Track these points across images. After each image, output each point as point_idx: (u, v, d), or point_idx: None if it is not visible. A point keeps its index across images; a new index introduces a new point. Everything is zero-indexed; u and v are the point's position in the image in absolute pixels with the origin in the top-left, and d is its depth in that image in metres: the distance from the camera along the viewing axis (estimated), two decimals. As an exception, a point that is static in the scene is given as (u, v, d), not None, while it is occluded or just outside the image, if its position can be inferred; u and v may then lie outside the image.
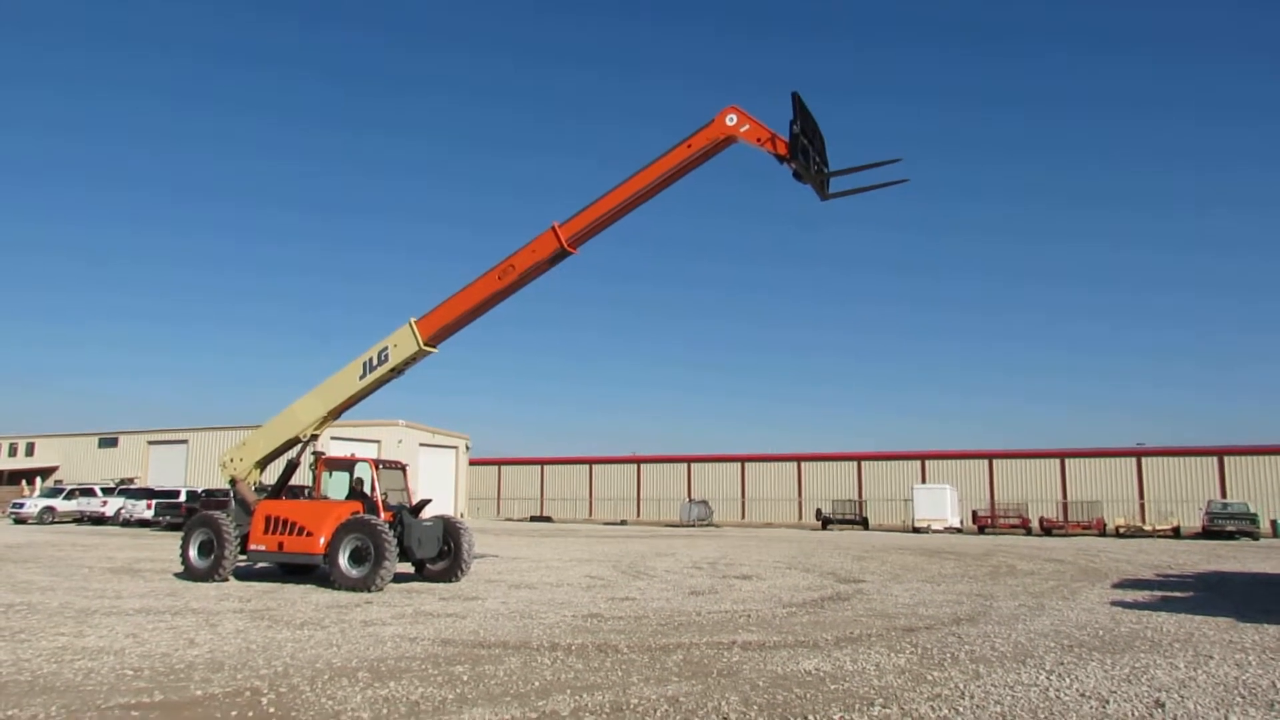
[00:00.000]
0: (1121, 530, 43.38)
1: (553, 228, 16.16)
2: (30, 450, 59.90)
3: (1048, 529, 45.07)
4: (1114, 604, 14.52)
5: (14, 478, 55.42)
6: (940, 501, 46.58)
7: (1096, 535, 43.09)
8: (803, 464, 62.98)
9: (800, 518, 59.86)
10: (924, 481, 55.42)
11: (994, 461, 57.40)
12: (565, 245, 16.11)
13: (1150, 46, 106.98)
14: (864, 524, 50.55)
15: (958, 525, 46.55)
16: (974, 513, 48.34)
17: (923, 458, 59.43)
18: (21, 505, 41.68)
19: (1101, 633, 11.37)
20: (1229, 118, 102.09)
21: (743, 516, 62.53)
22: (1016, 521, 46.19)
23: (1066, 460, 55.53)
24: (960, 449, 59.46)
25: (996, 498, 54.19)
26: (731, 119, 15.53)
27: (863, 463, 61.03)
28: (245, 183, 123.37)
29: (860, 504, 54.61)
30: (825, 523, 50.40)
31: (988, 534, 44.61)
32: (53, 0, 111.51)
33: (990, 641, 10.58)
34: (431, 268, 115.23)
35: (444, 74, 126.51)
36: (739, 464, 64.99)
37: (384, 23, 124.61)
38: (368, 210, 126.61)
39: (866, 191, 15.90)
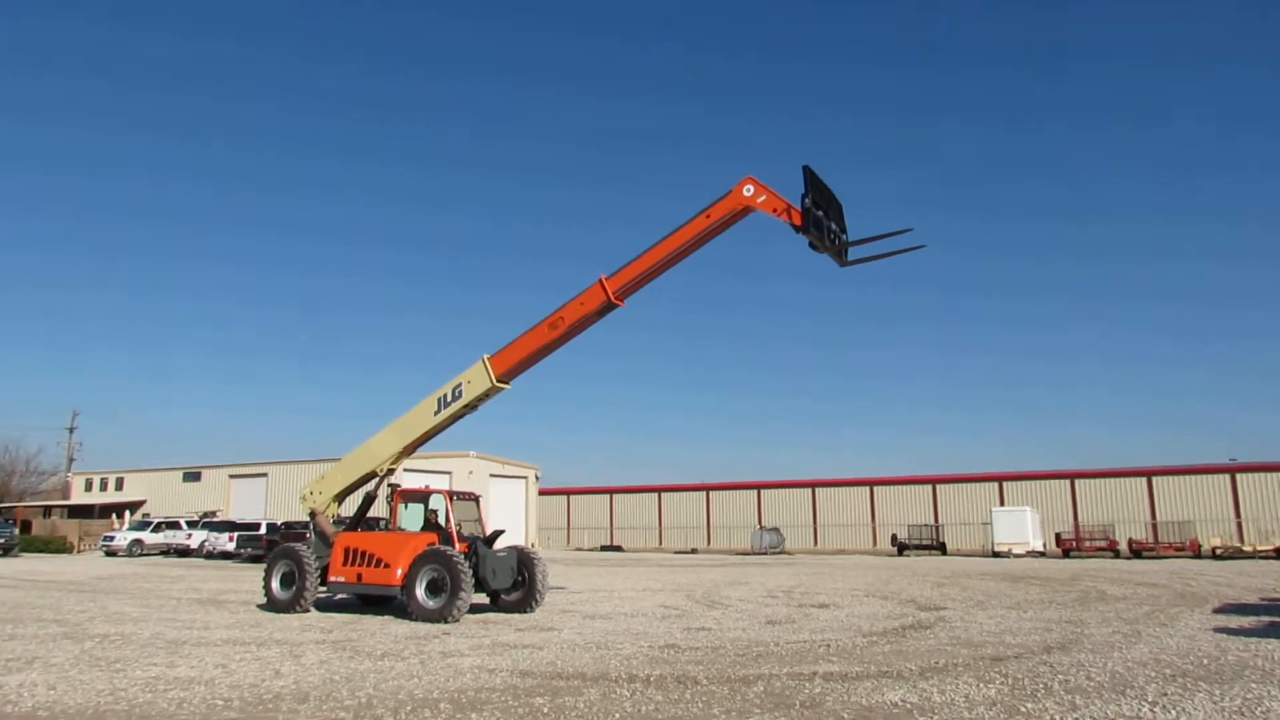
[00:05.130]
0: (1218, 551, 41.57)
1: (600, 281, 16.35)
2: (120, 485, 62.08)
3: (1137, 551, 43.42)
4: (1217, 630, 13.86)
5: (105, 511, 57.45)
6: (1021, 524, 45.28)
7: (1191, 557, 41.37)
8: (875, 488, 61.85)
9: (874, 544, 58.75)
10: (1003, 504, 53.97)
11: (1076, 482, 55.59)
12: (612, 298, 16.31)
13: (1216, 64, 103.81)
14: (941, 549, 49.38)
15: (1040, 549, 45.17)
16: (1057, 536, 46.85)
17: (1000, 479, 57.86)
18: (112, 538, 43.22)
19: (1206, 661, 10.84)
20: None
21: (815, 543, 61.59)
22: (1103, 544, 44.62)
23: (1154, 478, 53.44)
24: (1040, 469, 57.75)
25: (1080, 519, 52.45)
26: (749, 189, 15.72)
27: (938, 486, 59.69)
28: (316, 218, 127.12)
29: (937, 528, 53.35)
30: (901, 548, 49.37)
31: (1072, 558, 43.15)
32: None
33: (1085, 671, 10.17)
34: (504, 301, 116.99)
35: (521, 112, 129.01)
36: (810, 489, 64.12)
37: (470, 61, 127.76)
38: (440, 246, 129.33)
39: (884, 258, 16.11)
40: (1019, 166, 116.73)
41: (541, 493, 63.20)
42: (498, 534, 17.50)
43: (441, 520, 16.81)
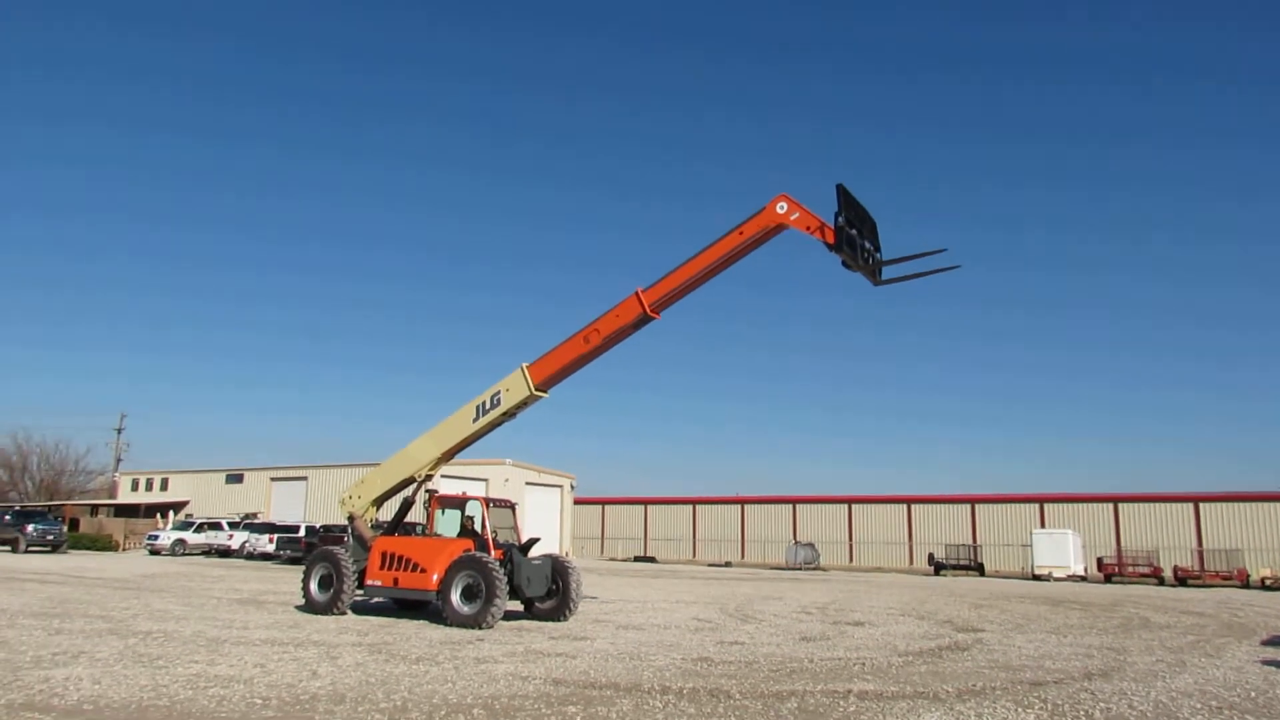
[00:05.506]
0: (1268, 582, 40.48)
1: (636, 294, 16.39)
2: (164, 485, 63.29)
3: (1182, 579, 42.41)
4: (1266, 663, 13.50)
5: (150, 511, 58.58)
6: (1062, 548, 44.45)
7: (1238, 587, 40.32)
8: (913, 506, 61.13)
9: (911, 562, 58.01)
10: (1043, 526, 53.01)
11: (1120, 505, 54.48)
12: (648, 311, 16.34)
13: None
14: (979, 570, 48.63)
15: (1081, 573, 44.33)
16: (1099, 560, 45.96)
17: (1042, 501, 56.91)
18: (156, 537, 44.07)
19: (1254, 694, 10.57)
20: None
21: (850, 560, 60.97)
22: (1147, 570, 43.67)
23: (1202, 505, 52.16)
24: (1082, 492, 56.72)
25: (1123, 544, 51.40)
26: (782, 207, 15.73)
27: (977, 505, 58.85)
28: (359, 227, 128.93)
29: (975, 549, 52.54)
30: (938, 568, 48.73)
31: (1114, 583, 42.29)
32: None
33: (1127, 699, 9.97)
34: (544, 308, 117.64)
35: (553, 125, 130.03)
36: (846, 505, 63.54)
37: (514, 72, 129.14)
38: (482, 254, 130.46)
39: (918, 278, 16.03)
40: (1054, 179, 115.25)
41: (576, 502, 63.30)
42: (533, 542, 17.57)
43: (478, 527, 16.92)
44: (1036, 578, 43.56)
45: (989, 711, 9.03)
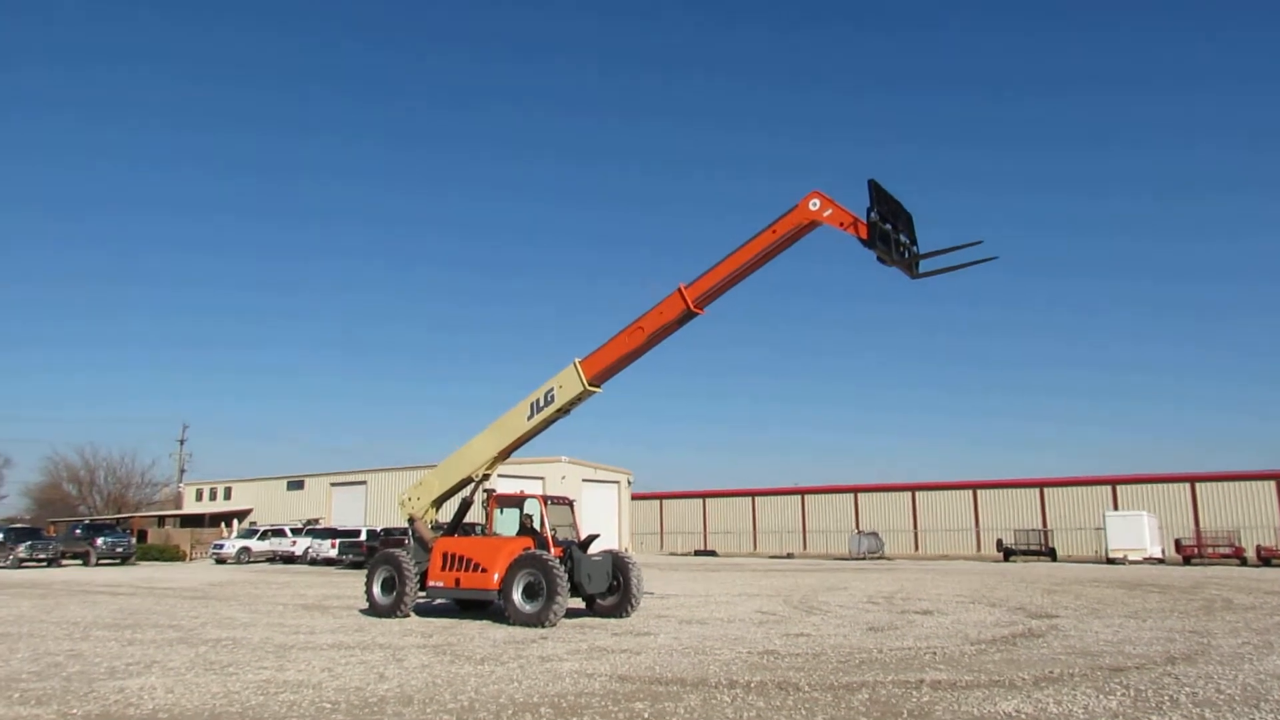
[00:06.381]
0: (1357, 559, 39.07)
1: (679, 290, 16.44)
2: (228, 494, 64.84)
3: (1266, 559, 41.15)
4: (1359, 642, 13.01)
5: (214, 520, 60.10)
6: (1137, 529, 43.40)
7: (1326, 565, 38.96)
8: (979, 491, 60.19)
9: (978, 549, 57.15)
10: (1116, 508, 51.82)
11: (1197, 485, 53.01)
12: (692, 306, 16.36)
13: None
14: (1051, 555, 47.75)
15: (1158, 555, 43.23)
16: (1177, 542, 44.82)
17: (1114, 482, 55.65)
18: (222, 546, 45.16)
19: (1348, 674, 10.18)
20: None
21: (916, 549, 60.25)
22: (1228, 551, 42.45)
23: (1284, 481, 50.51)
24: (1157, 472, 55.24)
25: (1202, 525, 49.97)
26: (814, 204, 15.70)
27: (1046, 489, 57.75)
28: (405, 244, 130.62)
29: (1045, 533, 51.57)
30: (1007, 554, 47.97)
31: (1194, 565, 41.16)
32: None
33: (1214, 683, 9.67)
34: (590, 311, 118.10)
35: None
36: (909, 493, 62.81)
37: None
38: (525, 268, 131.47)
39: (956, 270, 15.94)
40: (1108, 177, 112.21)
41: (634, 497, 63.46)
42: (592, 538, 17.62)
43: (537, 525, 17.02)
44: (1111, 561, 42.63)
45: (1069, 698, 8.83)
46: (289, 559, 43.87)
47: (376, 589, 17.32)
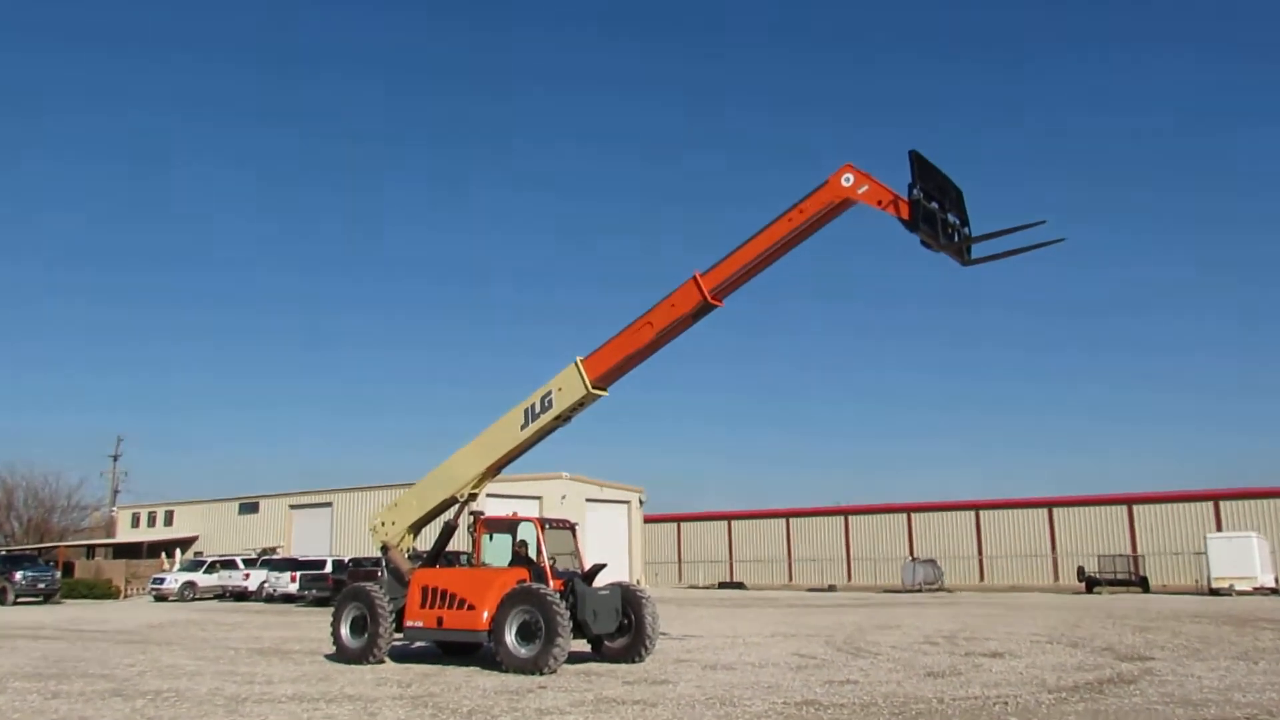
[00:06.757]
0: None
1: (694, 279, 16.42)
2: (169, 519, 65.12)
3: (1400, 587, 40.89)
4: None
5: (153, 550, 60.32)
6: (1246, 554, 43.25)
7: None
8: (1055, 509, 60.03)
9: (1056, 578, 57.01)
10: (1220, 529, 51.55)
11: (1319, 500, 52.65)
12: (709, 298, 16.35)
13: None
14: (1142, 585, 47.68)
15: (1271, 585, 43.03)
16: (1293, 568, 44.54)
17: (1217, 498, 55.30)
18: (162, 580, 45.41)
19: None
20: None
21: (980, 578, 60.12)
22: (1357, 579, 42.20)
23: None
24: (1269, 485, 54.87)
25: (1324, 547, 49.66)
26: (848, 179, 15.61)
27: (1135, 506, 57.49)
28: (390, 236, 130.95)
29: (1135, 559, 51.45)
30: (1090, 584, 47.91)
31: (1314, 595, 40.96)
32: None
33: (1341, 737, 9.59)
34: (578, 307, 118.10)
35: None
36: (972, 512, 62.68)
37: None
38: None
39: (1015, 255, 15.86)
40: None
41: (647, 520, 63.47)
42: (598, 569, 17.62)
43: (532, 553, 17.01)
44: (1214, 592, 42.47)
45: (1167, 757, 8.77)
46: (241, 595, 44.05)
47: (345, 630, 17.34)
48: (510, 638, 15.61)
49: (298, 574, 40.66)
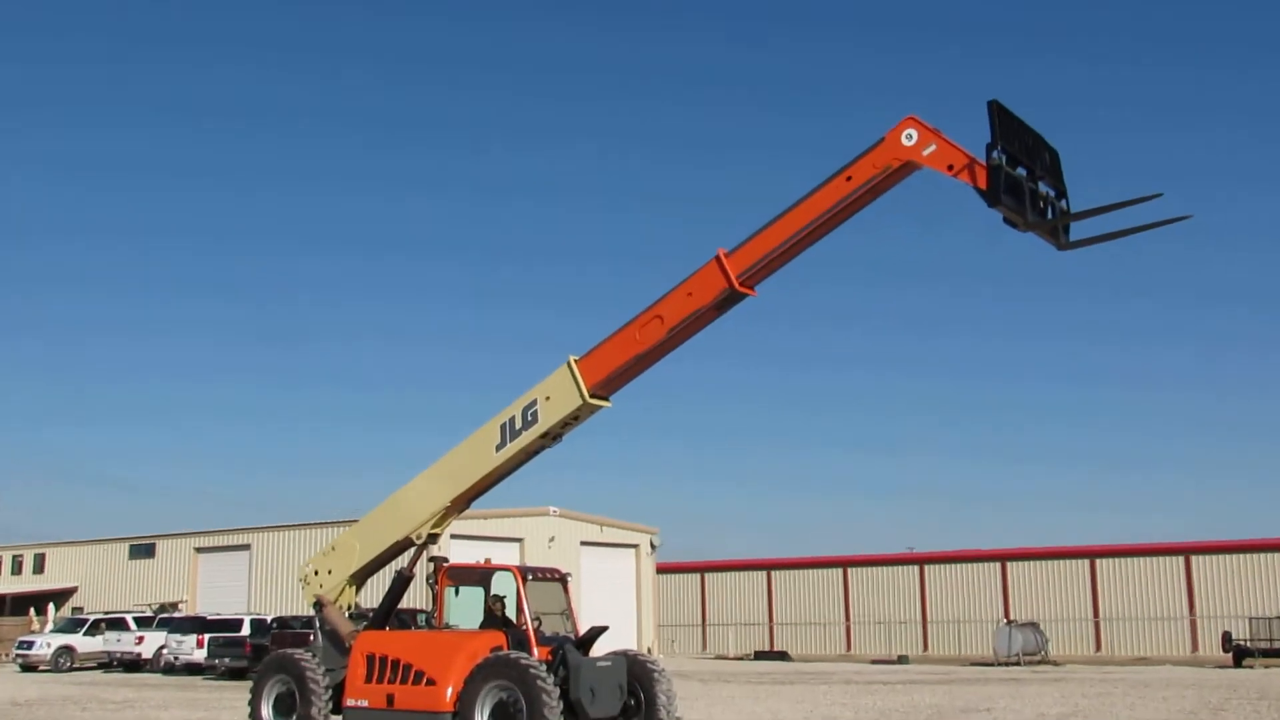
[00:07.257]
0: None
1: (717, 258, 16.24)
2: (39, 565, 65.04)
3: None
4: None
5: (19, 605, 60.30)
6: None
7: None
8: (1194, 558, 59.88)
9: (1195, 648, 56.92)
10: None
11: None
12: (737, 285, 16.19)
13: None
14: (1306, 656, 47.49)
15: None
16: None
17: (1407, 543, 55.24)
18: (30, 645, 45.32)
19: None
20: None
21: (1097, 647, 60.05)
22: None
23: None
24: None
25: None
26: (910, 135, 15.26)
27: (1298, 555, 57.40)
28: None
29: (1298, 623, 51.28)
30: (1239, 655, 47.74)
31: None
32: None
33: None
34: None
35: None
36: (1086, 560, 62.60)
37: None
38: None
39: (1125, 236, 15.62)
40: None
41: (661, 569, 63.44)
42: (597, 633, 17.61)
43: (511, 612, 17.01)
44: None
45: None
46: (133, 664, 44.04)
47: (266, 711, 17.36)
48: (482, 721, 15.62)
49: (205, 637, 40.61)
